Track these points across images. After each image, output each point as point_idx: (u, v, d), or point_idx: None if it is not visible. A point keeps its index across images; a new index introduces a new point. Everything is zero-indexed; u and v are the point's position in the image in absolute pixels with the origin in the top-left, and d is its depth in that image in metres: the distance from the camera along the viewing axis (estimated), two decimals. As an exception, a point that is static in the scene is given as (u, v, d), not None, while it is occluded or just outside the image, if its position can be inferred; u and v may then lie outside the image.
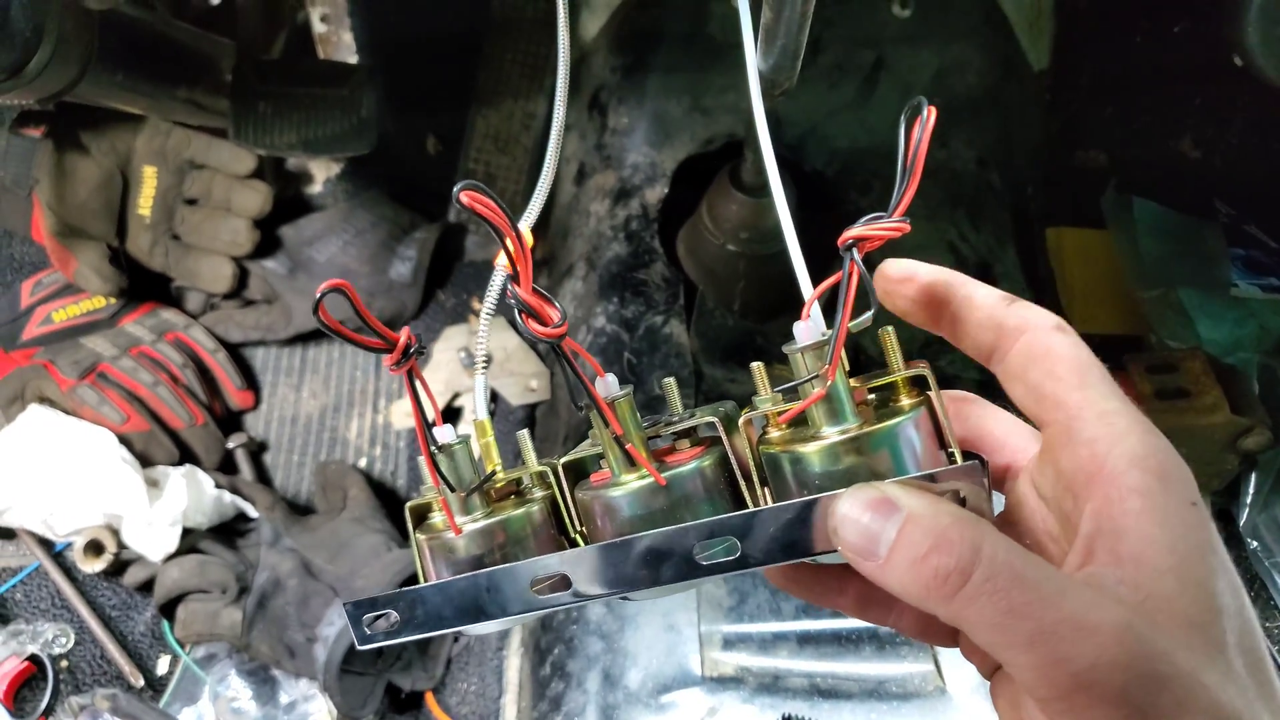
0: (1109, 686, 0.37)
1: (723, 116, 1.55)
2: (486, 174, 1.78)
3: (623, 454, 0.50)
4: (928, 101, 0.46)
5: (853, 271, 0.46)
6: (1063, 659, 0.37)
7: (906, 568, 0.39)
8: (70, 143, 1.58)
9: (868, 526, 0.41)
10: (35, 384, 1.50)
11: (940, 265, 0.50)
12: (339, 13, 1.73)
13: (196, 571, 1.37)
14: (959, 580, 0.38)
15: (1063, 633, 0.37)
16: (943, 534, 0.39)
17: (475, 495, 0.53)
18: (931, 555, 0.39)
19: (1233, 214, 1.69)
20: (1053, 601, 0.37)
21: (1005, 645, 0.38)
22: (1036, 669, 0.37)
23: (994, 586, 0.38)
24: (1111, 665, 0.36)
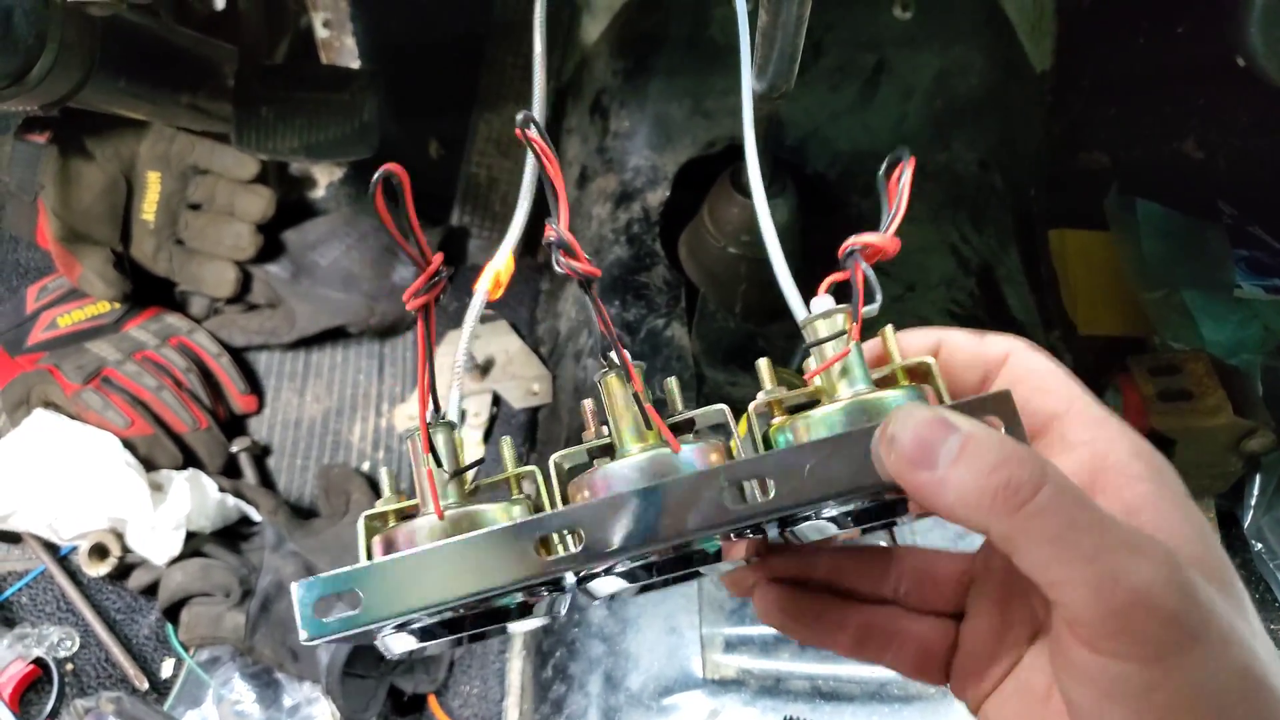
0: (1164, 607, 0.37)
1: (724, 119, 1.55)
2: (489, 178, 1.79)
3: (639, 414, 0.48)
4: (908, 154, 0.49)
5: (859, 270, 0.48)
6: (1122, 573, 0.37)
7: (973, 478, 0.40)
8: (75, 148, 1.59)
9: (926, 437, 0.41)
10: (40, 388, 1.50)
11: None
12: (341, 18, 1.74)
13: (200, 575, 1.38)
14: (1029, 492, 0.39)
15: (1123, 551, 0.38)
16: (1011, 450, 0.40)
17: (452, 484, 0.48)
18: (1003, 467, 0.39)
19: (1236, 215, 1.69)
20: (1111, 526, 0.39)
21: (1065, 560, 0.38)
22: (1093, 585, 0.38)
23: (1060, 502, 0.39)
24: (1167, 584, 0.37)
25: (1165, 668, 0.38)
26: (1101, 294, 1.67)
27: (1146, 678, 0.38)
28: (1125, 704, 0.39)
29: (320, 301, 1.67)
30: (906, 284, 1.48)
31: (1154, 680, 0.38)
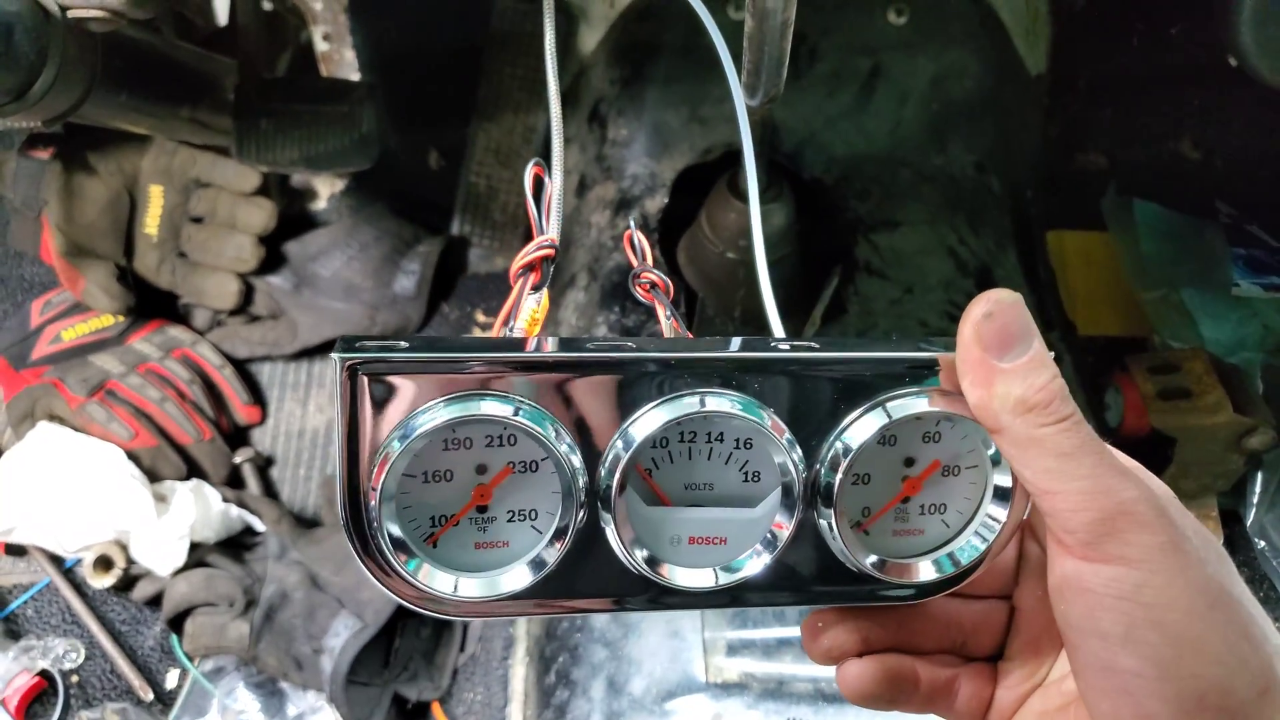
0: (1148, 517, 0.43)
1: (721, 126, 1.56)
2: (489, 188, 1.80)
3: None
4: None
5: None
6: (1113, 489, 0.43)
7: (1024, 387, 0.45)
8: (78, 164, 1.60)
9: (1012, 331, 0.46)
10: (45, 402, 1.51)
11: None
12: (341, 31, 1.75)
13: (204, 585, 1.38)
14: (1061, 409, 0.44)
15: (1114, 472, 0.44)
16: (1060, 385, 0.45)
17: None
18: (1048, 390, 0.44)
19: (1233, 214, 1.69)
20: (1108, 453, 0.45)
21: (1066, 473, 0.44)
22: (1087, 493, 0.43)
23: (1079, 427, 0.44)
24: (1151, 503, 0.43)
25: (1150, 569, 0.43)
26: (1100, 294, 1.67)
27: (1134, 578, 0.43)
28: (1116, 605, 0.43)
29: (322, 312, 1.68)
30: (905, 286, 1.49)
31: (1141, 580, 0.43)
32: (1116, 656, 0.44)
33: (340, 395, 0.47)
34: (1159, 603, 0.43)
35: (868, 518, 0.53)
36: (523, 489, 0.50)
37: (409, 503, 0.49)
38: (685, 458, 0.51)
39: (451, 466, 0.49)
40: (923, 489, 0.53)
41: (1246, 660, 0.43)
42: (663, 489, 0.51)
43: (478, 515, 0.50)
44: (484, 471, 0.50)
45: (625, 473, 0.49)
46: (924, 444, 0.52)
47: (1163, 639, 0.43)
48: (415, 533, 0.50)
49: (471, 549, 0.51)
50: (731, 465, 0.51)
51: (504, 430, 0.49)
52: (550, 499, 0.50)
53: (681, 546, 0.52)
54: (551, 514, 0.50)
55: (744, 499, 0.52)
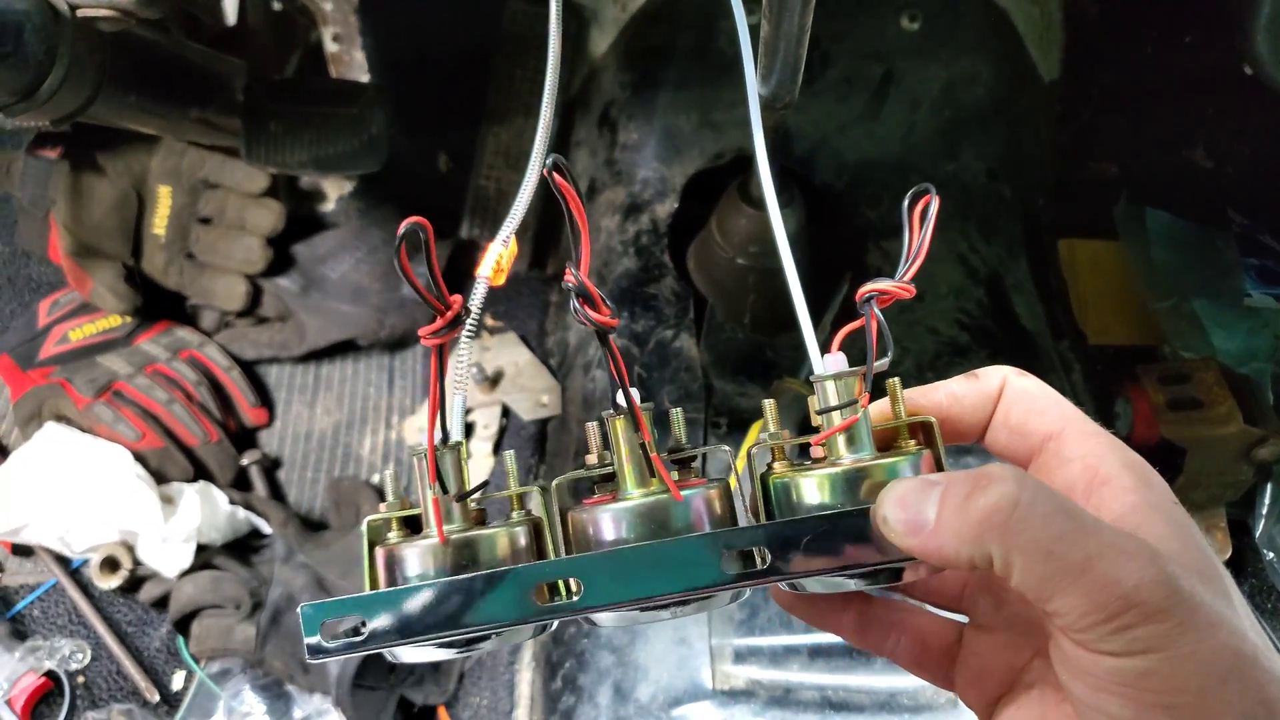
0: (1154, 603, 0.40)
1: (732, 131, 1.56)
2: (498, 191, 1.79)
3: (643, 461, 0.49)
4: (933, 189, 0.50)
5: (873, 320, 0.50)
6: (1113, 580, 0.40)
7: (956, 515, 0.42)
8: (86, 163, 1.59)
9: (911, 503, 0.44)
10: (52, 402, 1.51)
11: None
12: (350, 32, 1.75)
13: (211, 587, 1.38)
14: (1008, 508, 0.41)
15: (1109, 556, 0.40)
16: (983, 476, 0.42)
17: (457, 507, 0.50)
18: (975, 493, 0.42)
19: (1246, 224, 1.68)
20: (1096, 531, 0.41)
21: (1058, 574, 0.40)
22: (1088, 593, 0.40)
23: (1043, 511, 0.41)
24: (1155, 583, 0.40)
25: (1158, 657, 0.40)
26: (1111, 303, 1.66)
27: (1141, 667, 0.40)
28: (1123, 693, 0.41)
29: (330, 314, 1.68)
30: (915, 294, 1.48)
31: (1148, 668, 0.40)
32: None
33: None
34: (1169, 688, 0.41)
35: None
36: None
37: None
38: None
39: None
40: None
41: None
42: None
43: None
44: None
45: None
46: None
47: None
48: None
49: None
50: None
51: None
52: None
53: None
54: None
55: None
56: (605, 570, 0.46)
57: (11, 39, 1.01)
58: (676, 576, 0.46)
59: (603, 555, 0.47)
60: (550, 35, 0.59)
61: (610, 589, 0.46)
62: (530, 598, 0.46)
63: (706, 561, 0.46)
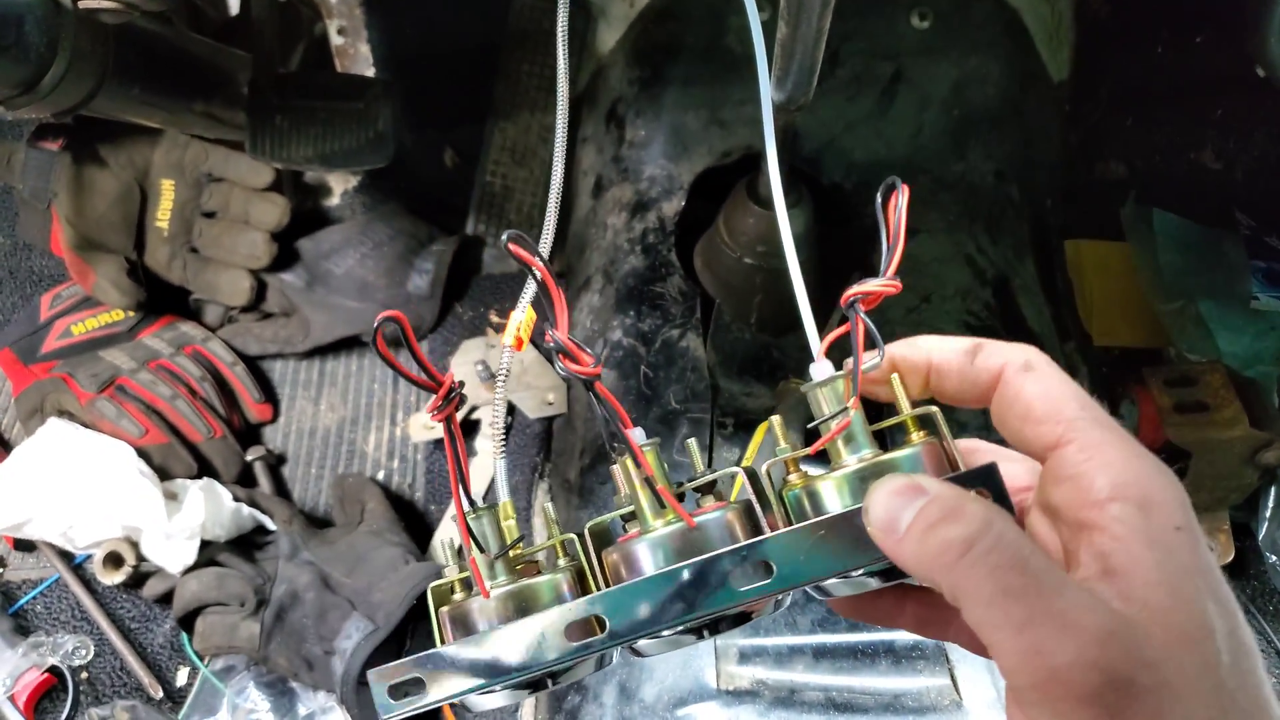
0: (1084, 686, 0.37)
1: (740, 129, 1.55)
2: (504, 187, 1.79)
3: (653, 496, 0.51)
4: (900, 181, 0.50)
5: (860, 324, 0.50)
6: (1045, 651, 0.38)
7: (919, 539, 0.42)
8: (88, 156, 1.59)
9: (892, 505, 0.43)
10: (54, 397, 1.51)
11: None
12: (356, 25, 1.74)
13: (215, 584, 1.37)
14: (961, 549, 0.40)
15: (1050, 626, 0.38)
16: (958, 508, 0.41)
17: (500, 563, 0.52)
18: (941, 524, 0.41)
19: (1253, 226, 1.68)
20: (1047, 594, 0.39)
21: (994, 625, 0.39)
22: (1019, 654, 0.39)
23: (996, 561, 0.39)
24: (1089, 666, 0.37)
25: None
26: (1118, 305, 1.66)
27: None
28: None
29: (335, 310, 1.67)
30: (922, 295, 1.48)
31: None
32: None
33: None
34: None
35: None
36: None
37: None
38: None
39: None
40: None
41: None
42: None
43: None
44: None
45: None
46: None
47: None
48: None
49: None
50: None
51: None
52: None
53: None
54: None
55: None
56: (620, 603, 0.48)
57: (12, 31, 1.01)
58: (694, 599, 0.48)
59: (611, 591, 0.49)
60: (558, 54, 0.59)
61: (633, 620, 0.48)
62: (564, 639, 0.48)
63: (720, 578, 0.47)
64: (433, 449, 1.62)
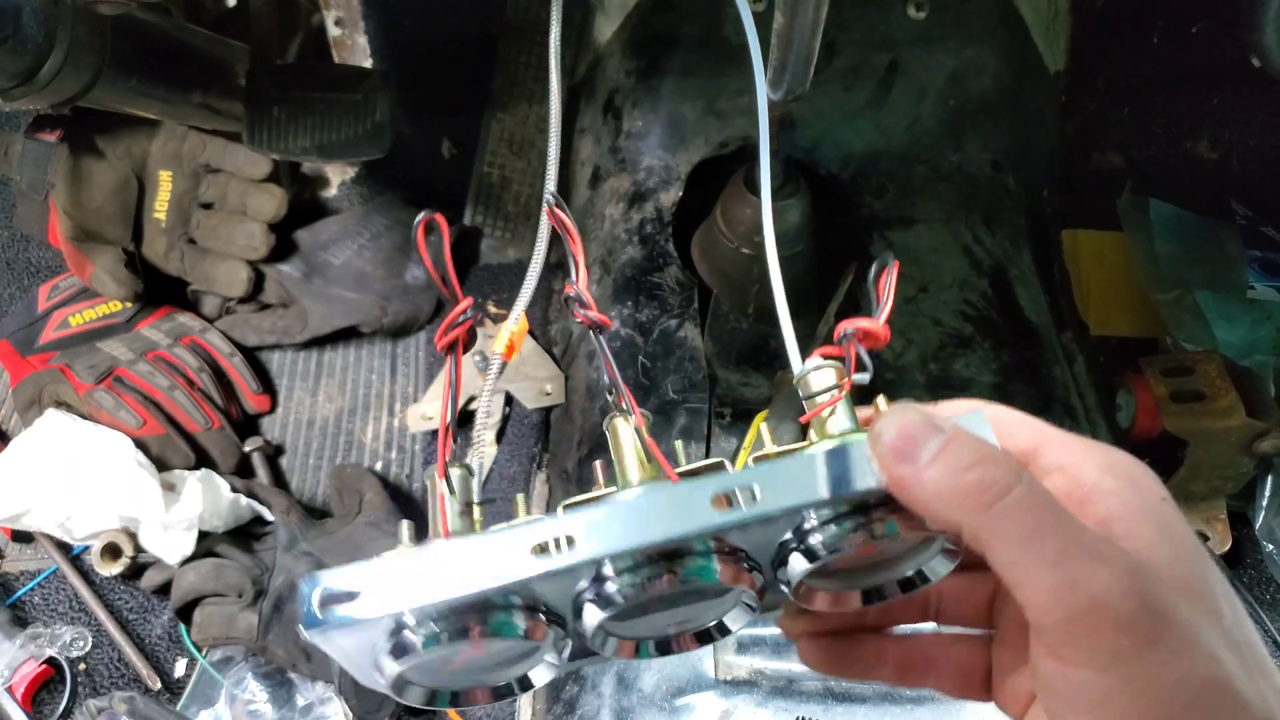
0: (1120, 612, 0.38)
1: (737, 119, 1.55)
2: (502, 177, 1.79)
3: (641, 451, 0.51)
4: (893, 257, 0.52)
5: (851, 349, 0.51)
6: (1082, 580, 0.39)
7: (950, 473, 0.41)
8: (86, 147, 1.58)
9: (911, 433, 0.43)
10: (52, 388, 1.51)
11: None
12: (353, 16, 1.74)
13: (213, 575, 1.38)
14: (1000, 492, 0.40)
15: (1084, 558, 0.39)
16: (990, 451, 0.42)
17: (463, 518, 0.50)
18: (979, 466, 0.41)
19: (1250, 216, 1.68)
20: (1077, 530, 0.40)
21: (1028, 562, 0.40)
22: (1054, 589, 0.39)
23: (1030, 503, 0.40)
24: (1125, 592, 0.38)
25: (1121, 675, 0.39)
26: (1114, 295, 1.66)
27: (1104, 685, 0.39)
28: (1089, 713, 0.40)
29: (333, 301, 1.67)
30: (919, 285, 1.48)
31: (1111, 687, 0.39)
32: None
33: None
34: (1132, 711, 0.39)
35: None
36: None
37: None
38: (641, 614, 0.50)
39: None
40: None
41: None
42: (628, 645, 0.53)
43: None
44: None
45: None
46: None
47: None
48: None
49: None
50: (693, 598, 0.51)
51: None
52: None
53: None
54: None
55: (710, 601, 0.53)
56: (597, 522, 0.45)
57: (10, 22, 1.00)
58: (669, 523, 0.45)
59: (592, 510, 0.46)
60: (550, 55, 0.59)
61: (603, 540, 0.45)
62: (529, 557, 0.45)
63: (699, 507, 0.45)
64: (430, 440, 1.62)
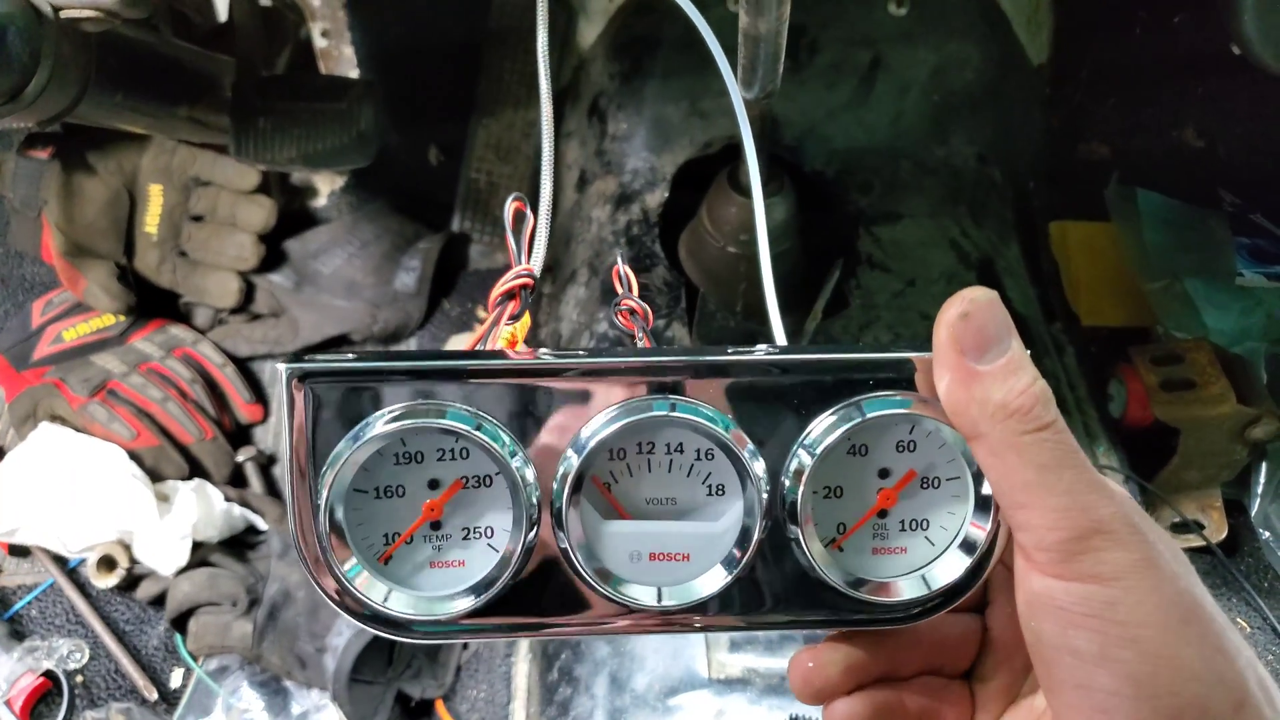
0: (1122, 535, 0.42)
1: (721, 120, 1.55)
2: (489, 183, 1.79)
3: None
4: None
5: None
6: (1088, 507, 0.42)
7: (1004, 391, 0.44)
8: (77, 163, 1.60)
9: (990, 332, 0.45)
10: (46, 402, 1.51)
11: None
12: (339, 27, 1.75)
13: (207, 585, 1.38)
14: (1039, 423, 0.43)
15: (1091, 490, 0.43)
16: (1042, 387, 0.44)
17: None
18: (1031, 394, 0.43)
19: (1237, 203, 1.68)
20: (1088, 469, 0.44)
21: (1043, 485, 0.43)
22: (1062, 510, 0.42)
23: (1057, 440, 0.43)
24: (1124, 522, 0.43)
25: (1124, 586, 0.42)
26: (1104, 285, 1.66)
27: (1107, 595, 0.42)
28: (1089, 623, 0.42)
29: (324, 310, 1.68)
30: (907, 279, 1.48)
31: (1114, 598, 0.42)
32: (1092, 675, 0.43)
33: (288, 407, 0.47)
34: (1133, 620, 0.42)
35: (842, 534, 0.51)
36: (476, 505, 0.50)
37: (361, 519, 0.49)
38: (645, 470, 0.50)
39: (403, 481, 0.49)
40: (900, 502, 0.51)
41: (1222, 675, 0.43)
42: (621, 503, 0.50)
43: (432, 533, 0.50)
44: (435, 487, 0.49)
45: (578, 483, 0.48)
46: (898, 454, 0.50)
47: (1138, 656, 0.42)
48: (367, 550, 0.49)
49: (427, 568, 0.50)
50: (694, 478, 0.50)
51: (455, 443, 0.48)
52: (506, 515, 0.49)
53: (642, 564, 0.51)
54: (507, 530, 0.49)
55: (709, 513, 0.51)
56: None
57: (-6, 43, 1.01)
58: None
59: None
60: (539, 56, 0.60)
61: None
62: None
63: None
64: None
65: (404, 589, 0.49)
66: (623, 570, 0.50)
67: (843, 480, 0.51)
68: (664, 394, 0.48)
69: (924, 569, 0.52)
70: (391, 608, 0.49)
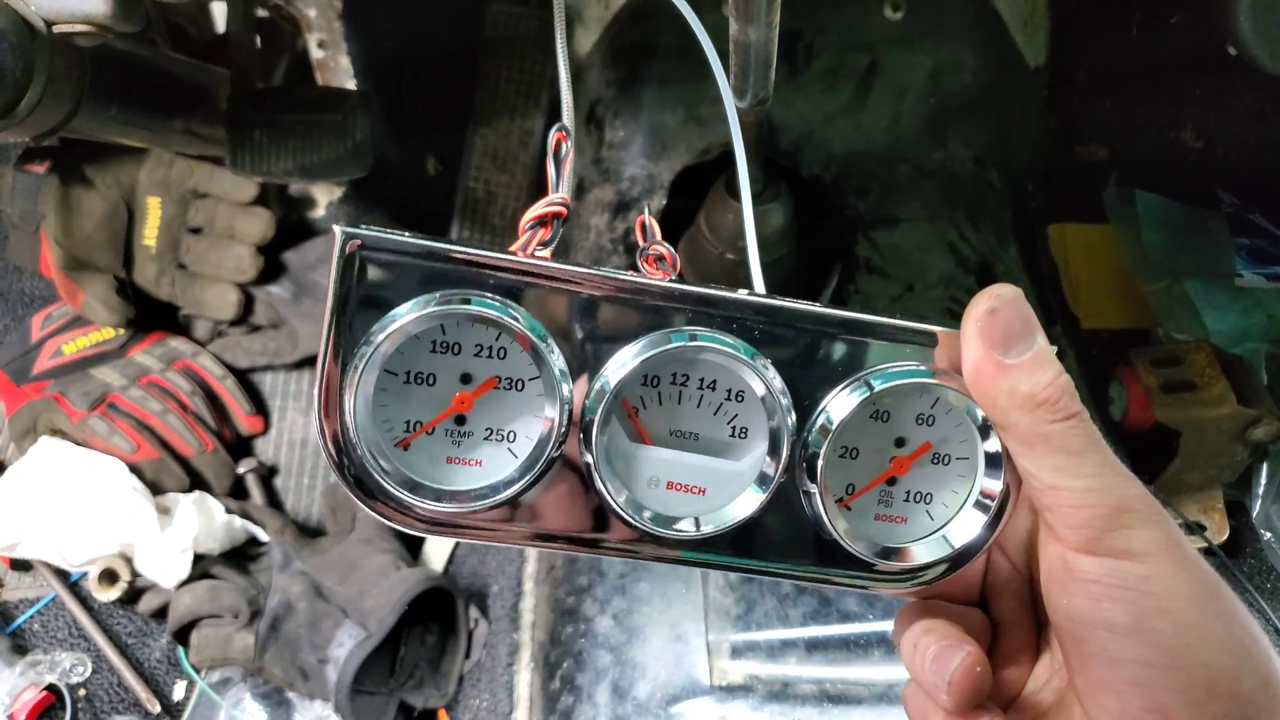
0: (1151, 515, 0.45)
1: (718, 126, 1.55)
2: (487, 192, 1.79)
3: None
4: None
5: None
6: (1114, 488, 0.46)
7: (1031, 383, 0.46)
8: (75, 177, 1.60)
9: (1016, 326, 0.47)
10: (46, 416, 1.51)
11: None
12: (335, 38, 1.75)
13: (209, 597, 1.38)
14: (1069, 405, 0.46)
15: (1117, 475, 0.46)
16: (1067, 380, 0.47)
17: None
18: (1056, 386, 0.46)
19: (1236, 204, 1.68)
20: (1112, 456, 0.47)
21: (1071, 469, 0.46)
22: (1091, 490, 0.45)
23: (1083, 429, 0.46)
24: (1149, 501, 0.46)
25: (1154, 561, 0.45)
26: (1103, 287, 1.66)
27: (1140, 570, 0.45)
28: (1123, 595, 0.45)
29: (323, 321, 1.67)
30: (905, 283, 1.48)
31: (1148, 572, 0.45)
32: (1125, 647, 0.45)
33: (334, 270, 0.46)
34: (1165, 592, 0.44)
35: (850, 494, 0.53)
36: (505, 407, 0.50)
37: (386, 400, 0.49)
38: (674, 401, 0.51)
39: (436, 370, 0.49)
40: (910, 472, 0.53)
41: (1249, 649, 0.45)
42: (647, 429, 0.51)
43: (454, 427, 0.50)
44: (468, 381, 0.49)
45: (612, 401, 0.49)
46: (917, 425, 0.52)
47: (1172, 627, 0.44)
48: (387, 433, 0.49)
49: (442, 463, 0.50)
50: (720, 417, 0.52)
51: (495, 339, 0.49)
52: (531, 423, 0.50)
53: (659, 490, 0.52)
54: (530, 439, 0.50)
55: (729, 453, 0.52)
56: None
57: (-14, 57, 1.01)
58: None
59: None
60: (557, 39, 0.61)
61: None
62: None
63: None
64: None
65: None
66: (641, 494, 0.52)
67: (860, 442, 0.53)
68: (708, 327, 0.50)
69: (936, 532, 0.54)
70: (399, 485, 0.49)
